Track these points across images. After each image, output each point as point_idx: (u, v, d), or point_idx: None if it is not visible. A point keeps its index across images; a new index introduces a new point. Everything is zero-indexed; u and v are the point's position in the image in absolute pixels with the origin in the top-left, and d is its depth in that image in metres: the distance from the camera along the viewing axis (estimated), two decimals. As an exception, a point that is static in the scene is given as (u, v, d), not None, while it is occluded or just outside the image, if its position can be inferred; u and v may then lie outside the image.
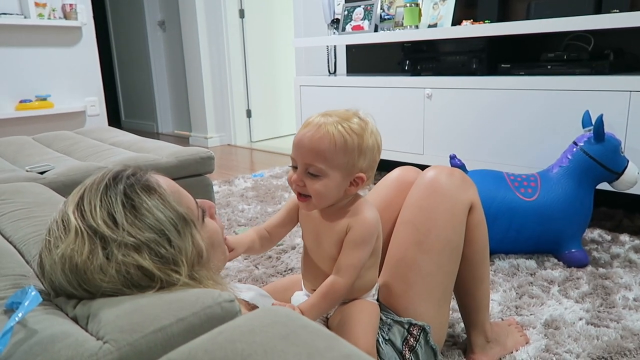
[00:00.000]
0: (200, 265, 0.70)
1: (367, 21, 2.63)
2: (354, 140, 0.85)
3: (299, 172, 0.87)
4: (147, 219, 0.66)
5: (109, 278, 0.62)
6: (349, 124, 0.85)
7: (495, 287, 1.48)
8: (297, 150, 0.87)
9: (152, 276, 0.63)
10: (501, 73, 2.10)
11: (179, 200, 0.71)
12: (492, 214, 1.58)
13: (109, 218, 0.64)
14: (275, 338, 0.44)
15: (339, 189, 0.87)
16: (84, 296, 0.63)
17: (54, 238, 0.64)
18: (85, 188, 0.68)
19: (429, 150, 2.32)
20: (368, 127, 0.87)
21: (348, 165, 0.86)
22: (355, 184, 0.88)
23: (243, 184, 2.79)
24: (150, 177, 0.71)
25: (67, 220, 0.65)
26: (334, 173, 0.85)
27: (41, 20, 3.16)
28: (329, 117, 0.86)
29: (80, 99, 3.47)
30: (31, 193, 1.12)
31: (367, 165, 0.88)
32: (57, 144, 2.16)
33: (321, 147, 0.84)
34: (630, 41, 2.05)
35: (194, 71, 4.20)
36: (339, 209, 0.91)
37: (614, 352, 1.14)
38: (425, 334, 0.96)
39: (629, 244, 1.76)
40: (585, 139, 1.63)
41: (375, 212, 0.91)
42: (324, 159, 0.84)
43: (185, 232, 0.68)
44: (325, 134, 0.84)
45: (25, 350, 0.51)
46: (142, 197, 0.67)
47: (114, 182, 0.68)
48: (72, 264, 0.62)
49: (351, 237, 0.88)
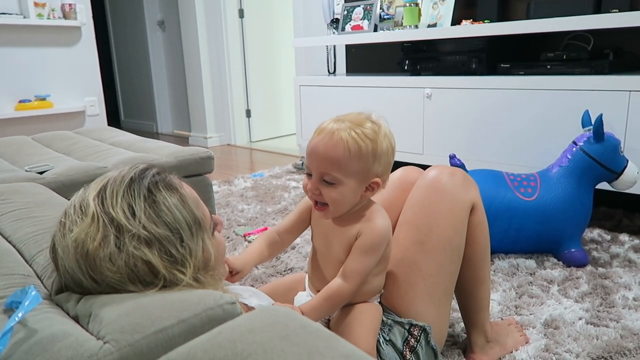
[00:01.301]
0: (205, 270, 0.71)
1: (366, 21, 2.63)
2: (368, 146, 0.84)
3: (314, 181, 0.87)
4: (165, 216, 0.67)
5: (116, 268, 0.63)
6: (362, 130, 0.84)
7: (495, 286, 1.48)
8: (312, 158, 0.86)
9: (157, 273, 0.64)
10: (501, 73, 2.10)
11: (197, 205, 0.73)
12: (492, 214, 1.57)
13: (128, 209, 0.66)
14: (275, 338, 0.44)
15: (355, 195, 0.87)
16: (89, 285, 0.63)
17: (69, 221, 0.66)
18: (109, 179, 0.70)
19: (429, 150, 2.32)
20: (381, 131, 0.86)
21: (363, 171, 0.85)
22: (371, 188, 0.88)
23: (243, 183, 2.78)
24: (174, 178, 0.74)
25: (85, 205, 0.66)
26: (349, 180, 0.85)
27: (40, 20, 3.15)
28: (341, 123, 0.85)
29: (80, 99, 3.47)
30: (30, 193, 1.11)
31: (382, 169, 0.88)
32: (57, 144, 2.16)
33: (336, 155, 0.83)
34: (629, 41, 2.05)
35: (194, 71, 4.20)
36: (351, 213, 0.90)
37: (613, 352, 1.14)
38: (426, 335, 0.96)
39: (629, 244, 1.76)
40: (584, 139, 1.63)
41: (387, 220, 0.90)
42: (338, 167, 0.84)
43: (197, 235, 0.70)
44: (339, 142, 0.83)
45: (25, 350, 0.51)
46: (163, 195, 0.69)
47: (139, 177, 0.70)
48: (83, 248, 0.63)
49: (360, 243, 0.88)
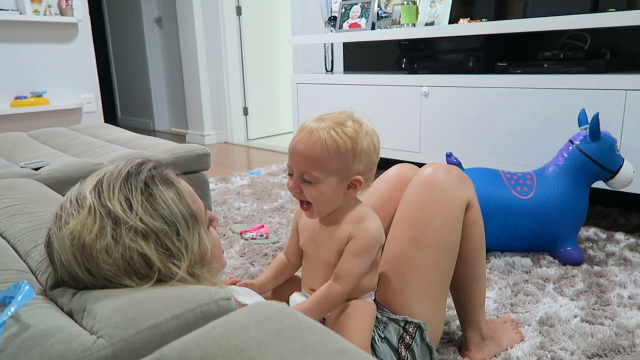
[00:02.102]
0: (201, 264, 0.71)
1: (364, 19, 2.63)
2: (347, 144, 0.84)
3: (295, 179, 0.88)
4: (162, 210, 0.68)
5: (113, 261, 0.63)
6: (342, 128, 0.85)
7: (490, 284, 1.49)
8: (292, 157, 0.87)
9: (152, 266, 0.64)
10: (498, 71, 2.10)
11: (193, 199, 0.74)
12: (488, 212, 1.58)
13: (125, 202, 0.66)
14: (269, 333, 0.44)
15: (337, 194, 0.87)
16: (85, 278, 0.64)
17: (65, 214, 0.66)
18: (105, 173, 0.70)
19: (426, 149, 2.32)
20: (362, 129, 0.86)
21: (343, 170, 0.86)
22: (353, 186, 0.88)
23: (240, 181, 2.78)
24: (170, 173, 0.74)
25: (82, 199, 0.67)
26: (328, 179, 0.85)
27: (37, 16, 3.14)
28: (322, 122, 0.86)
29: (76, 95, 3.46)
30: (25, 189, 1.11)
31: (363, 167, 0.87)
32: (53, 140, 2.15)
33: (314, 154, 0.84)
34: (626, 40, 2.05)
35: (191, 68, 4.19)
36: (339, 215, 0.91)
37: (608, 350, 1.14)
38: (421, 332, 0.96)
39: (624, 243, 1.76)
40: (581, 138, 1.64)
41: (378, 223, 0.90)
42: (317, 166, 0.84)
43: (194, 229, 0.70)
44: (317, 140, 0.84)
45: (17, 344, 0.51)
46: (160, 188, 0.70)
47: (136, 171, 0.70)
48: (80, 240, 0.63)
49: (353, 245, 0.88)
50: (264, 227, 2.01)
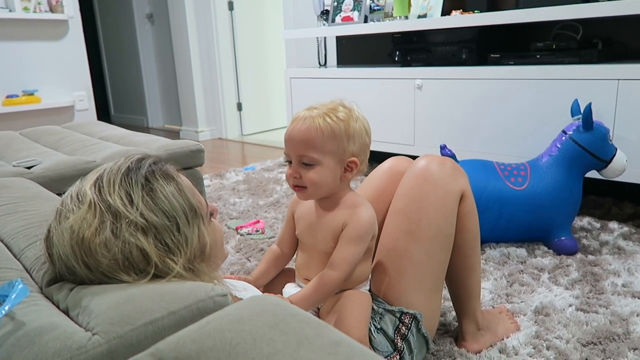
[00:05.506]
0: (201, 259, 0.71)
1: (356, 12, 2.62)
2: (341, 127, 0.89)
3: (294, 165, 0.91)
4: (163, 204, 0.68)
5: (111, 255, 0.63)
6: (334, 113, 0.89)
7: (486, 275, 1.49)
8: (289, 144, 0.91)
9: (149, 260, 0.65)
10: (491, 63, 2.10)
11: (192, 193, 0.74)
12: (482, 204, 1.58)
13: (126, 197, 0.67)
14: (264, 327, 0.44)
15: (334, 175, 0.90)
16: (82, 272, 0.64)
17: (66, 209, 0.67)
18: (105, 169, 0.71)
19: (420, 141, 2.33)
20: (353, 114, 0.91)
21: (339, 151, 0.89)
22: (350, 169, 0.91)
23: (234, 177, 2.78)
24: (170, 168, 0.75)
25: (82, 194, 0.67)
26: (326, 160, 0.89)
27: (27, 13, 3.11)
28: (314, 110, 0.90)
29: (68, 93, 3.43)
30: (18, 188, 1.10)
31: (357, 149, 0.91)
32: (45, 138, 2.14)
33: (310, 137, 0.88)
34: (618, 30, 2.06)
35: (184, 64, 4.16)
36: (332, 203, 0.93)
37: (602, 337, 1.15)
38: (417, 323, 0.97)
39: (618, 231, 1.77)
40: (574, 128, 1.64)
41: (372, 211, 0.93)
42: (314, 148, 0.88)
43: (194, 223, 0.71)
44: (312, 125, 0.88)
45: (12, 342, 0.51)
46: (160, 183, 0.70)
47: (136, 167, 0.71)
48: (79, 234, 0.64)
49: (347, 232, 0.90)
50: (259, 222, 2.01)
